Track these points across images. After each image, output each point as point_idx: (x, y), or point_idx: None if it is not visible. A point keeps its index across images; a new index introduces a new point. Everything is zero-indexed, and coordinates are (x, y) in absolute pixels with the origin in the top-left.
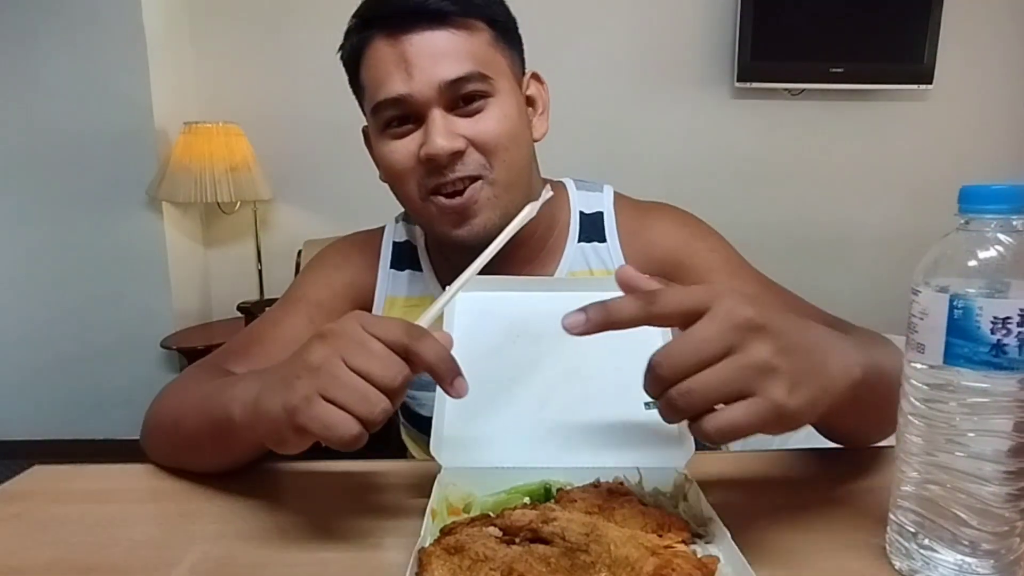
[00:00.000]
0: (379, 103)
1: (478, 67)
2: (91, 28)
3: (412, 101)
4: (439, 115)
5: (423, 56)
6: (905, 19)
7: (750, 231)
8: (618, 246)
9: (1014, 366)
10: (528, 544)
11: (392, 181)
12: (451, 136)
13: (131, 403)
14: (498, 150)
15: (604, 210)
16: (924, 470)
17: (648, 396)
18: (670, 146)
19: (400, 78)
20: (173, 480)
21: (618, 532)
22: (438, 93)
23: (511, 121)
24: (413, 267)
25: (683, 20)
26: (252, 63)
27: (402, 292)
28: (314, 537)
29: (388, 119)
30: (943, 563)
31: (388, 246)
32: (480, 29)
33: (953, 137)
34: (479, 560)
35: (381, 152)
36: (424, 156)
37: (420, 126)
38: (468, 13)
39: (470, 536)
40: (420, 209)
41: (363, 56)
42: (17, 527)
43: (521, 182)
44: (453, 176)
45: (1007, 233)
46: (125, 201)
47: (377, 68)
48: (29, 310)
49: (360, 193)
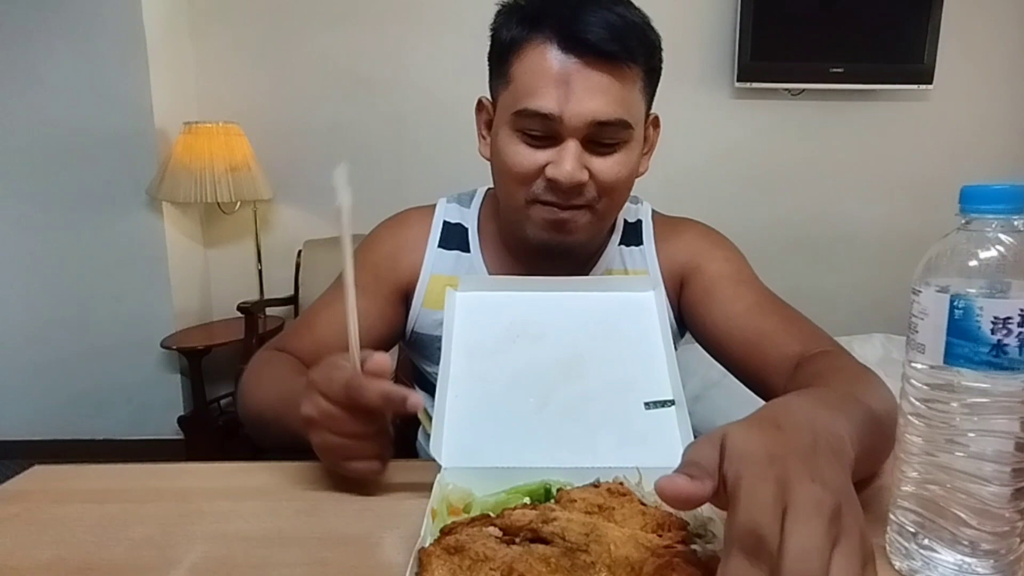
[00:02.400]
0: (527, 110)
1: (625, 116)
2: (91, 28)
3: (558, 123)
4: (575, 145)
5: (583, 87)
6: (905, 19)
7: (750, 231)
8: (653, 250)
9: (1014, 366)
10: (528, 544)
11: (504, 176)
12: (580, 168)
13: (131, 403)
14: (613, 192)
15: (643, 219)
16: (924, 470)
17: (653, 396)
18: (670, 146)
19: (556, 98)
20: (173, 480)
21: (618, 532)
22: (584, 126)
23: (631, 167)
24: (461, 248)
25: (683, 20)
26: (252, 63)
27: (447, 271)
28: (314, 537)
29: (527, 125)
30: (943, 563)
31: (439, 225)
32: (637, 77)
33: (953, 137)
34: (479, 560)
35: (505, 148)
36: (550, 176)
37: (554, 143)
38: (634, 60)
39: (470, 536)
40: (520, 209)
41: (523, 51)
42: (17, 527)
43: (615, 215)
44: (568, 202)
45: (1008, 233)
46: (125, 201)
47: (537, 76)
48: (29, 310)
49: (360, 193)
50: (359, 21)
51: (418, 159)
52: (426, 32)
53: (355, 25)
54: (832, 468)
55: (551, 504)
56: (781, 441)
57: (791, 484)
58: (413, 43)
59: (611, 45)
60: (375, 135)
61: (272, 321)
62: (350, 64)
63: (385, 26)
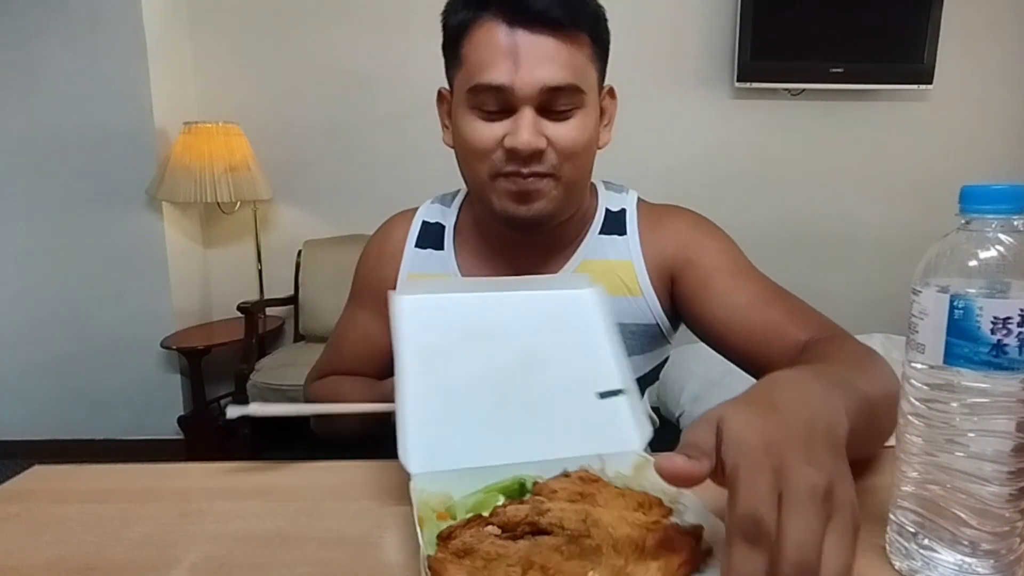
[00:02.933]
0: (479, 85)
1: (576, 80)
2: (91, 28)
3: (511, 93)
4: (530, 113)
5: (532, 56)
6: (905, 19)
7: (750, 231)
8: (637, 239)
9: (1014, 366)
10: (531, 537)
11: (466, 155)
12: (537, 135)
13: (131, 403)
14: (572, 156)
15: (627, 207)
16: (924, 470)
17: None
18: (670, 146)
19: (506, 69)
20: (173, 480)
21: (610, 515)
22: (536, 93)
23: (589, 132)
24: (435, 246)
25: (683, 20)
26: (252, 63)
27: (421, 269)
28: (314, 537)
29: (482, 101)
30: (943, 563)
31: (417, 225)
32: (584, 44)
33: (953, 137)
34: (492, 559)
35: (463, 127)
36: (508, 146)
37: (509, 115)
38: (579, 27)
39: (474, 537)
40: (485, 185)
41: (471, 31)
42: (17, 527)
43: (581, 184)
44: (528, 170)
45: (1008, 233)
46: (125, 201)
47: (486, 51)
48: (29, 310)
49: (360, 193)
50: (359, 21)
51: (417, 159)
52: (426, 32)
53: (355, 25)
54: (825, 448)
55: (539, 497)
56: (776, 425)
57: (786, 471)
58: (413, 43)
59: (556, 11)
60: (374, 135)
61: (272, 321)
62: (350, 64)
63: (385, 26)
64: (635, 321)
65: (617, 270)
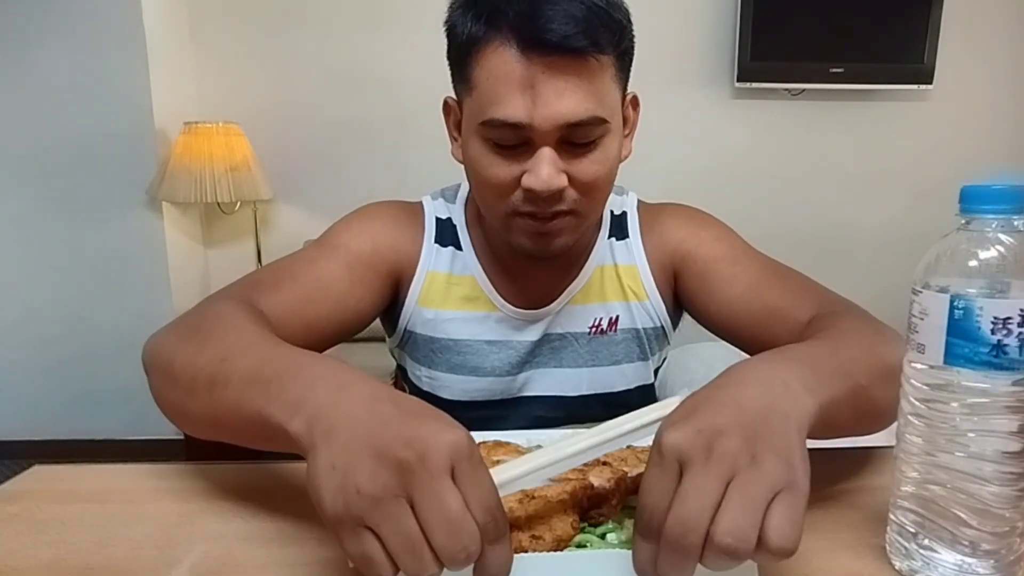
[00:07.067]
0: (494, 120)
1: (599, 111)
2: (91, 28)
3: (528, 130)
4: (549, 152)
5: (551, 89)
6: (905, 19)
7: (749, 231)
8: (639, 242)
9: (1014, 366)
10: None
11: (481, 187)
12: (557, 174)
13: (131, 403)
14: (594, 190)
15: (628, 210)
16: (924, 470)
17: None
18: (670, 146)
19: (523, 105)
20: (173, 480)
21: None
22: (555, 130)
23: (612, 161)
24: (455, 245)
25: (683, 20)
26: (252, 63)
27: (444, 268)
28: (313, 537)
29: (497, 136)
30: (943, 563)
31: (432, 220)
32: (608, 65)
33: (953, 137)
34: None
35: (477, 159)
36: (526, 187)
37: (527, 151)
38: (603, 51)
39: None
40: (501, 220)
41: (483, 54)
42: (17, 527)
43: (601, 211)
44: (549, 210)
45: (1008, 233)
46: (125, 201)
47: (500, 83)
48: (29, 310)
49: (360, 193)
50: (359, 21)
51: (418, 159)
52: (426, 32)
53: (355, 25)
54: (766, 437)
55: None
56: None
57: (687, 467)
58: (413, 43)
59: (576, 41)
60: (375, 135)
61: None
62: (350, 64)
63: (385, 26)
64: (644, 326)
65: (624, 275)
